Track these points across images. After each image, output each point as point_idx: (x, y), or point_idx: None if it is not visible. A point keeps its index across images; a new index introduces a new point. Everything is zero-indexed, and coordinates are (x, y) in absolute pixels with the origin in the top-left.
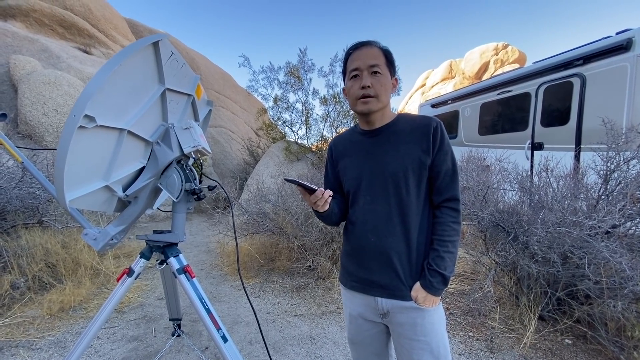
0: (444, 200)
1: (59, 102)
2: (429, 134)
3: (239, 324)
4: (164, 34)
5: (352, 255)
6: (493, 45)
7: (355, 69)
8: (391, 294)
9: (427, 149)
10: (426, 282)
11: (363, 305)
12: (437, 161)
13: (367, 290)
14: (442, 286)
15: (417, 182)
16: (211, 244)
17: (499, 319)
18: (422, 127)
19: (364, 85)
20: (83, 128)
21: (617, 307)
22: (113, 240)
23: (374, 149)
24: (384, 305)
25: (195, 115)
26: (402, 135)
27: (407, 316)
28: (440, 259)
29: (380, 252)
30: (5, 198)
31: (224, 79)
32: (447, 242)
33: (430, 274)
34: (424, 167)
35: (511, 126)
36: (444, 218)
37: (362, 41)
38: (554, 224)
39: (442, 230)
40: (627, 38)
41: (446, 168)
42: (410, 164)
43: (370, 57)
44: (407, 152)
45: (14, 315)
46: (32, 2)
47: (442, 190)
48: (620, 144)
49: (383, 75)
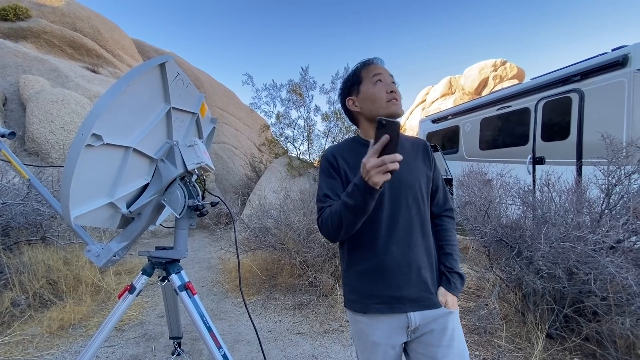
0: (444, 210)
1: (66, 120)
2: (428, 152)
3: (240, 343)
4: (170, 55)
5: (372, 275)
6: (492, 61)
7: (379, 73)
8: (423, 306)
9: (429, 165)
10: (450, 285)
11: (391, 328)
12: (435, 177)
13: (397, 309)
14: (462, 286)
15: (427, 193)
16: (213, 260)
17: (506, 337)
18: (421, 145)
19: (394, 90)
20: (90, 146)
21: (625, 324)
22: (116, 257)
23: None
24: (416, 320)
25: (199, 132)
26: (407, 149)
27: (437, 323)
28: (455, 261)
29: (407, 264)
30: (10, 215)
31: (227, 96)
32: (454, 245)
33: (452, 276)
34: (430, 180)
35: (512, 141)
36: (446, 225)
37: (375, 57)
38: (557, 239)
39: (448, 236)
40: (623, 54)
41: (442, 183)
42: (422, 176)
43: (388, 71)
44: (417, 165)
45: (14, 333)
46: (43, 24)
47: (442, 202)
48: (621, 159)
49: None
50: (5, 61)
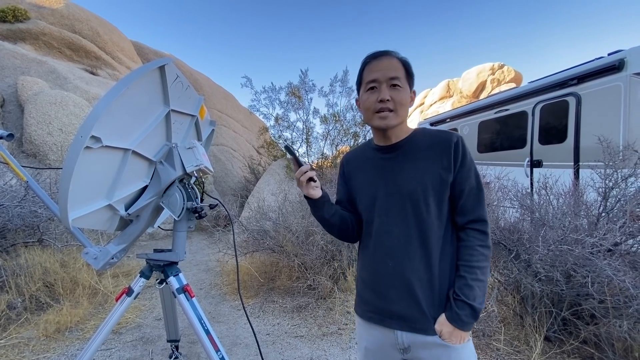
0: (470, 222)
1: (64, 122)
2: (450, 149)
3: (238, 346)
4: (169, 57)
5: (368, 283)
6: (489, 65)
7: (373, 80)
8: (412, 327)
9: (449, 165)
10: (452, 315)
11: (381, 338)
12: (460, 178)
13: (386, 323)
14: (471, 320)
15: (437, 201)
16: (211, 263)
17: (504, 340)
18: (442, 142)
19: (383, 99)
20: (89, 148)
21: (622, 327)
22: (113, 259)
23: (389, 165)
24: (404, 340)
25: (198, 134)
26: (421, 150)
27: (429, 353)
28: (469, 287)
29: (399, 278)
30: (7, 217)
31: (226, 99)
32: (476, 268)
33: (457, 305)
34: (445, 185)
35: (510, 144)
36: (470, 241)
37: (381, 51)
38: (555, 242)
39: (469, 255)
40: (619, 58)
41: (470, 186)
42: (430, 181)
43: (390, 69)
44: (427, 169)
45: (10, 336)
46: (42, 25)
47: (467, 211)
48: (617, 162)
49: (403, 89)
50: (3, 63)
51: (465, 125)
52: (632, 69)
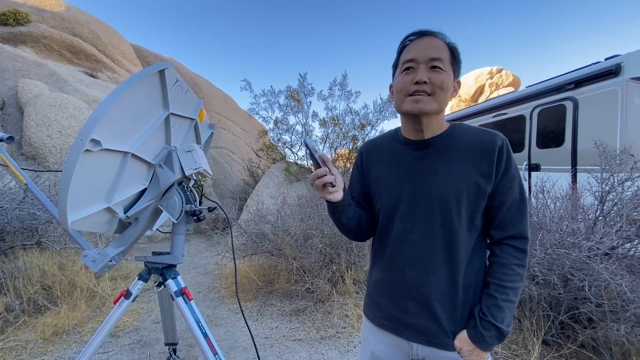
0: (508, 237)
1: (63, 124)
2: (493, 154)
3: (236, 349)
4: (169, 61)
5: (383, 287)
6: (488, 69)
7: (410, 59)
8: (430, 342)
9: (489, 172)
10: (477, 335)
11: (392, 347)
12: (502, 189)
13: (401, 333)
14: (495, 342)
15: (471, 211)
16: (209, 266)
17: (502, 344)
18: (485, 144)
19: (419, 81)
20: (89, 151)
21: (620, 331)
22: (112, 262)
23: (421, 165)
24: (420, 352)
25: (197, 138)
26: (458, 151)
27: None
28: (498, 308)
29: (418, 291)
30: (6, 219)
31: (225, 102)
32: (509, 288)
33: (482, 326)
34: (482, 195)
35: None
36: (506, 259)
37: (424, 29)
38: (552, 246)
39: (502, 274)
40: (616, 63)
41: (512, 198)
42: (465, 189)
43: (432, 48)
44: (463, 174)
45: (7, 339)
46: (42, 29)
47: (507, 225)
48: (614, 166)
49: (445, 73)
50: (3, 65)
51: None
52: (629, 74)
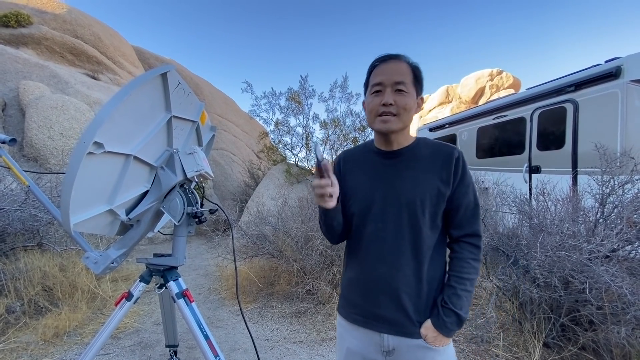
0: (465, 235)
1: (65, 126)
2: (451, 164)
3: (236, 351)
4: (171, 63)
5: (356, 286)
6: (488, 71)
7: (378, 83)
8: (398, 331)
9: (448, 179)
10: (439, 322)
11: (365, 340)
12: (458, 194)
13: (372, 326)
14: (456, 327)
15: (433, 213)
16: (210, 268)
17: (503, 346)
18: (444, 155)
19: (386, 103)
20: (92, 154)
21: (621, 333)
22: (113, 264)
23: (390, 172)
24: (390, 343)
25: (199, 140)
26: (422, 161)
27: (413, 355)
28: (457, 297)
29: (388, 285)
30: (7, 220)
31: (226, 104)
32: (466, 279)
33: (444, 313)
34: (442, 199)
35: (508, 150)
36: (463, 254)
37: (390, 54)
38: (553, 248)
39: (460, 267)
40: (616, 66)
41: (468, 201)
42: (428, 193)
43: (396, 73)
44: (426, 180)
45: (8, 340)
46: (44, 30)
47: (464, 225)
48: (614, 169)
49: (408, 95)
50: (5, 67)
51: (464, 131)
52: (629, 76)
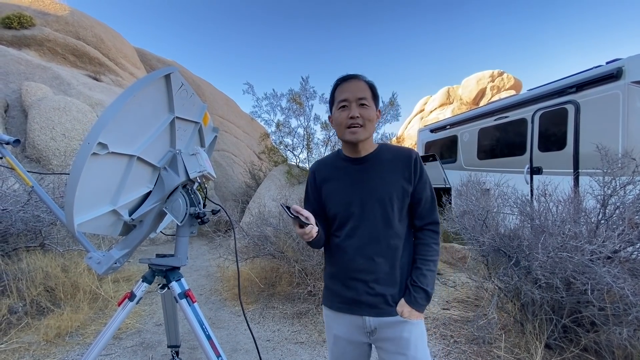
0: (426, 224)
1: (67, 127)
2: (410, 164)
3: (238, 352)
4: (173, 65)
5: (338, 277)
6: (489, 72)
7: (344, 99)
8: (378, 313)
9: (409, 177)
10: (411, 298)
11: (349, 325)
12: (419, 189)
13: (355, 311)
14: (425, 302)
15: (400, 207)
16: (211, 268)
17: (505, 347)
18: (404, 157)
19: (353, 116)
20: (96, 155)
21: (623, 335)
22: (116, 264)
23: (362, 175)
24: (371, 324)
25: (201, 141)
26: (386, 164)
27: (392, 331)
28: (424, 276)
29: (367, 273)
30: (10, 221)
31: (228, 105)
32: (430, 261)
33: (414, 290)
34: (407, 194)
35: (509, 151)
36: (426, 240)
37: (350, 74)
38: (555, 249)
39: (425, 250)
40: (617, 67)
41: (426, 196)
42: (395, 190)
43: (358, 90)
44: (392, 180)
45: (10, 340)
46: (46, 32)
47: (424, 215)
48: (616, 170)
49: (370, 108)
50: (8, 68)
51: (465, 132)
52: (630, 77)
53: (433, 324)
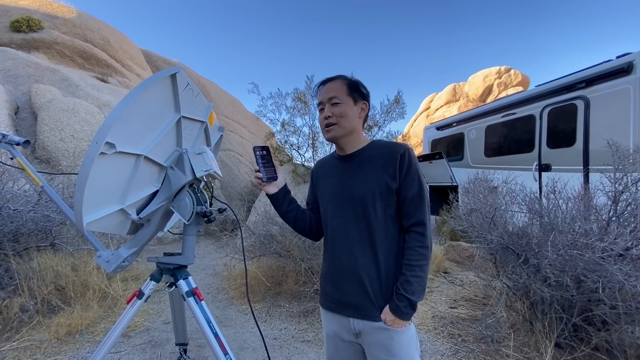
0: (411, 225)
1: (75, 129)
2: (396, 160)
3: (245, 350)
4: (179, 65)
5: (327, 276)
6: (496, 69)
7: (320, 103)
8: (363, 315)
9: (394, 173)
10: (394, 306)
11: (338, 325)
12: (405, 186)
13: (341, 311)
14: (409, 310)
15: (384, 205)
16: (218, 267)
17: (514, 347)
18: (390, 153)
19: (325, 116)
20: (104, 154)
21: (635, 333)
22: (125, 263)
23: (346, 173)
24: (356, 326)
25: (207, 140)
26: (373, 160)
27: (377, 337)
28: (408, 283)
29: (352, 272)
30: (21, 221)
31: (233, 105)
32: (414, 266)
33: (397, 298)
34: (391, 192)
35: (517, 148)
36: (411, 242)
37: (327, 77)
38: (564, 247)
39: (409, 255)
40: (628, 61)
41: (413, 193)
42: (377, 188)
43: (329, 91)
44: (376, 177)
45: (22, 339)
46: (54, 35)
47: (410, 215)
48: (627, 166)
49: (342, 104)
50: (18, 71)
51: (472, 130)
52: None
53: (440, 323)
